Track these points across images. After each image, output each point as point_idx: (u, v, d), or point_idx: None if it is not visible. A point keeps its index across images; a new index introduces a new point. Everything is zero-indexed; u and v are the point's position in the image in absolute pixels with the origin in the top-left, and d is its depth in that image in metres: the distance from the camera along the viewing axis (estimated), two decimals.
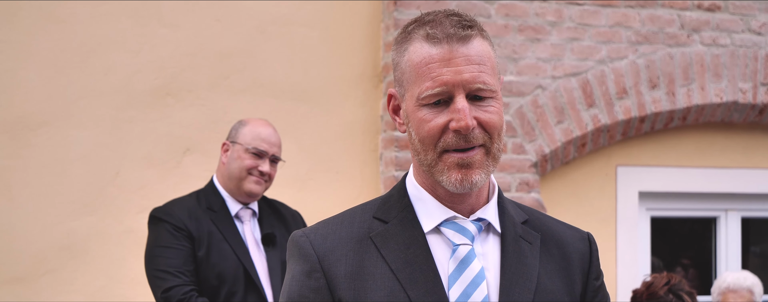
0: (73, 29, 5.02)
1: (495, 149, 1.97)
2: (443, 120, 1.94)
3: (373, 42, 5.37)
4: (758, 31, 5.70)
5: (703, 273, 6.13)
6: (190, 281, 4.01)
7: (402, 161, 5.11)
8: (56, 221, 4.96)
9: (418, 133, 1.96)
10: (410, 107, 1.98)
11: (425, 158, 1.97)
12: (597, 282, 2.11)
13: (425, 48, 1.96)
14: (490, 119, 1.95)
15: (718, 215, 6.02)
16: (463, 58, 1.94)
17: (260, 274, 4.11)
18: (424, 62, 1.95)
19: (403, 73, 2.00)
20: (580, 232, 2.15)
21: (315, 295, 1.96)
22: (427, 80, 1.94)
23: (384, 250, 1.97)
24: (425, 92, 1.94)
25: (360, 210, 2.07)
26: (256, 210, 4.23)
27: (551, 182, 5.58)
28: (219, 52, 5.17)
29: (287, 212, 4.38)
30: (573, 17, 5.43)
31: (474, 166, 1.95)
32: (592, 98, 5.41)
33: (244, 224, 4.21)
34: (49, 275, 4.94)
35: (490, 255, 2.00)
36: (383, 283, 1.94)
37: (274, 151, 4.20)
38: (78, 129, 5.00)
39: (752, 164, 5.92)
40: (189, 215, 4.11)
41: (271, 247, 4.17)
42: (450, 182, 1.95)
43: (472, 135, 1.94)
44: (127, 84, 5.06)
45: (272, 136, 4.20)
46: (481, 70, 1.95)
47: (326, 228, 2.03)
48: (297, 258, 2.00)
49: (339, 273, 1.95)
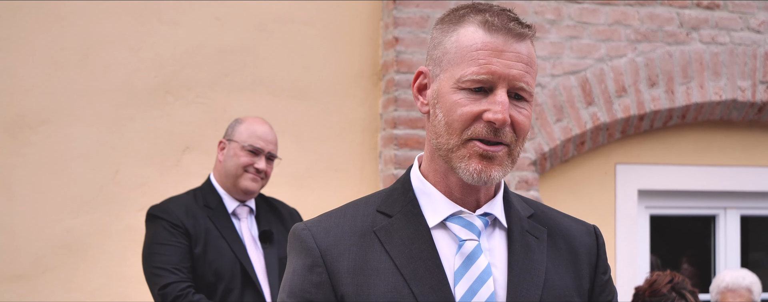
0: (73, 27, 5.02)
1: (517, 152, 1.95)
2: (479, 109, 1.90)
3: (373, 40, 5.37)
4: (757, 30, 5.71)
5: (703, 270, 6.13)
6: (187, 278, 4.04)
7: (401, 159, 5.11)
8: (56, 219, 4.96)
9: (448, 115, 1.92)
10: (445, 87, 1.94)
11: (447, 142, 1.93)
12: (604, 277, 2.08)
13: (479, 33, 1.92)
14: (523, 121, 1.93)
15: (718, 214, 6.02)
16: (514, 54, 1.92)
17: (257, 271, 4.12)
18: (476, 47, 1.91)
19: (445, 53, 1.95)
20: (587, 225, 2.11)
21: (316, 290, 1.92)
22: (474, 65, 1.90)
23: (388, 245, 1.93)
24: (469, 76, 1.90)
25: (363, 203, 2.02)
26: (253, 208, 4.24)
27: (550, 180, 5.58)
28: (219, 50, 5.18)
29: (285, 209, 4.39)
30: (572, 15, 5.43)
31: (495, 162, 1.92)
32: (591, 96, 5.41)
33: (241, 222, 4.21)
34: (49, 273, 4.94)
35: (496, 250, 1.97)
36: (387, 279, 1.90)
37: (270, 148, 4.21)
38: (78, 127, 5.00)
39: (751, 162, 5.92)
40: (186, 212, 4.13)
41: (268, 244, 4.18)
42: (467, 171, 1.91)
43: (502, 131, 1.91)
44: (126, 82, 5.07)
45: (268, 134, 4.22)
46: (527, 71, 1.92)
47: (329, 220, 1.99)
48: (299, 252, 1.96)
49: (342, 268, 1.91)
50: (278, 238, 4.20)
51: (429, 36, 2.02)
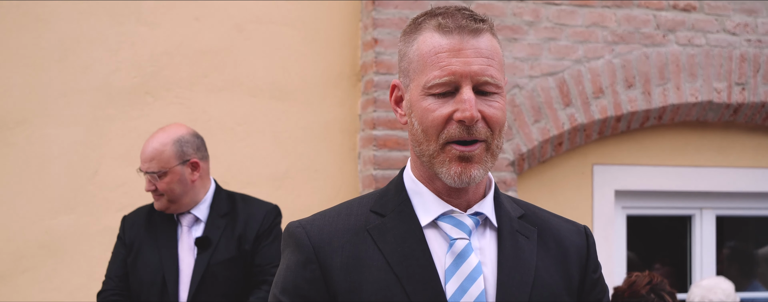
0: (52, 27, 5.01)
1: (495, 145, 1.97)
2: (448, 110, 1.93)
3: (352, 41, 5.38)
4: (733, 32, 5.76)
5: (679, 270, 6.18)
6: (116, 285, 4.18)
7: (380, 160, 5.13)
8: (35, 219, 4.96)
9: (422, 122, 1.95)
10: (415, 96, 1.97)
11: (427, 149, 1.96)
12: (595, 275, 2.10)
13: (435, 38, 1.96)
14: (494, 114, 1.95)
15: (693, 214, 6.06)
16: (472, 50, 1.94)
17: (183, 279, 4.11)
18: (433, 51, 1.95)
19: (410, 63, 1.99)
20: (577, 225, 2.14)
21: (309, 286, 1.94)
22: (435, 69, 1.93)
23: (381, 243, 1.96)
24: (432, 81, 1.93)
25: (357, 203, 2.05)
26: (199, 216, 4.18)
27: (528, 180, 5.61)
28: (198, 50, 5.18)
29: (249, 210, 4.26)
30: (550, 17, 5.47)
31: (474, 161, 1.94)
32: (569, 98, 5.44)
33: (182, 229, 4.19)
34: (27, 273, 4.94)
35: (487, 249, 2.00)
36: (379, 275, 1.93)
37: (146, 167, 4.10)
38: (56, 127, 4.99)
39: (727, 162, 5.97)
40: (134, 223, 4.24)
41: (203, 250, 4.12)
42: (449, 175, 1.94)
43: (475, 128, 1.93)
44: (105, 82, 5.06)
45: (144, 152, 4.11)
46: (489, 64, 1.95)
47: (323, 219, 2.02)
48: (292, 249, 1.99)
49: (334, 265, 1.94)
50: (220, 242, 4.13)
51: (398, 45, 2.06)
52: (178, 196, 4.10)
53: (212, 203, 4.21)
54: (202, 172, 4.15)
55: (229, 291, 4.09)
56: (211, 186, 4.24)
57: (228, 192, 4.30)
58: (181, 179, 4.09)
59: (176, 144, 4.08)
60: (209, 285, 4.06)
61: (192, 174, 4.11)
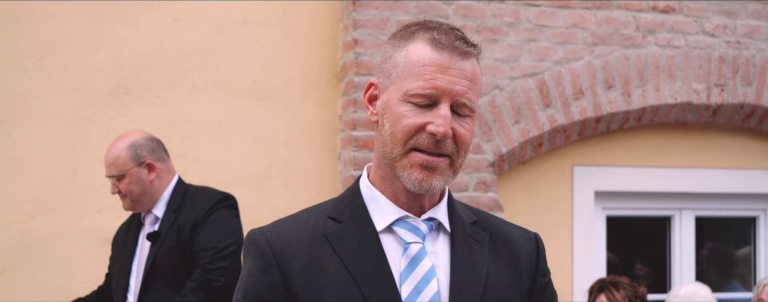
0: (31, 28, 5.00)
1: (458, 163, 2.07)
2: (423, 121, 2.00)
3: (332, 42, 5.39)
4: (712, 33, 5.78)
5: (659, 270, 6.20)
6: (104, 282, 4.64)
7: (360, 161, 5.14)
8: (14, 220, 4.95)
9: (394, 126, 2.02)
10: (393, 99, 2.04)
11: (392, 151, 2.03)
12: (544, 279, 2.19)
13: (427, 50, 2.02)
14: (464, 134, 2.04)
15: (673, 215, 6.09)
16: (458, 71, 2.02)
17: (133, 274, 4.40)
18: (422, 63, 2.01)
19: (394, 67, 2.05)
20: (528, 232, 2.23)
21: (271, 291, 2.00)
22: (420, 80, 2.00)
23: (338, 248, 2.02)
24: (415, 90, 2.00)
25: (315, 210, 2.12)
26: (157, 214, 4.42)
27: (508, 181, 5.63)
28: (178, 51, 5.18)
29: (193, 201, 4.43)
30: (530, 18, 5.48)
31: (437, 171, 2.02)
32: (549, 99, 5.46)
33: (145, 228, 4.47)
34: (6, 274, 4.93)
35: (440, 253, 2.07)
36: (337, 279, 1.99)
37: (107, 172, 4.40)
38: (36, 128, 4.98)
39: (706, 164, 5.99)
40: (120, 229, 4.65)
41: (153, 244, 4.34)
42: (410, 180, 2.02)
43: (444, 143, 2.01)
44: (85, 83, 5.06)
45: (105, 158, 4.42)
46: (470, 88, 2.03)
47: (282, 226, 2.08)
48: (253, 255, 2.05)
49: (294, 269, 2.00)
50: (166, 236, 4.33)
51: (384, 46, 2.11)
52: (138, 196, 4.37)
53: (169, 200, 4.43)
54: (159, 172, 4.41)
55: (177, 280, 4.29)
56: (171, 184, 4.46)
57: (186, 187, 4.50)
58: (139, 180, 4.36)
59: (130, 148, 4.36)
60: (157, 275, 4.29)
61: (149, 175, 4.38)
